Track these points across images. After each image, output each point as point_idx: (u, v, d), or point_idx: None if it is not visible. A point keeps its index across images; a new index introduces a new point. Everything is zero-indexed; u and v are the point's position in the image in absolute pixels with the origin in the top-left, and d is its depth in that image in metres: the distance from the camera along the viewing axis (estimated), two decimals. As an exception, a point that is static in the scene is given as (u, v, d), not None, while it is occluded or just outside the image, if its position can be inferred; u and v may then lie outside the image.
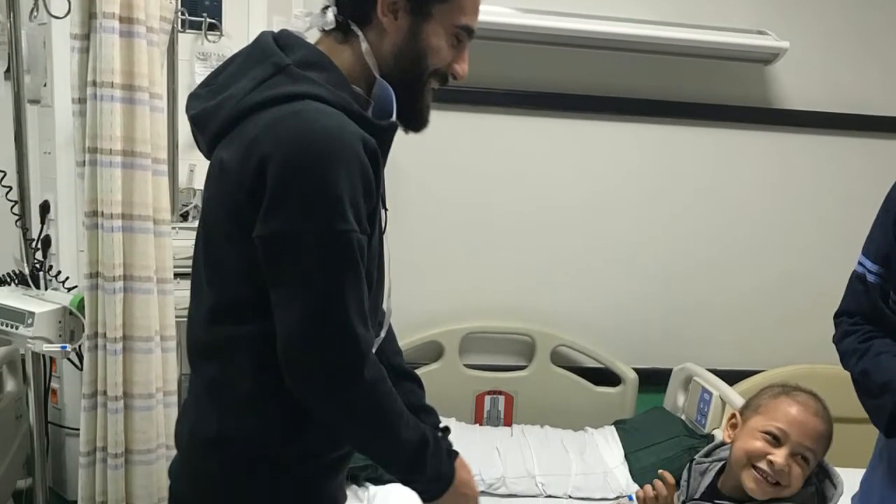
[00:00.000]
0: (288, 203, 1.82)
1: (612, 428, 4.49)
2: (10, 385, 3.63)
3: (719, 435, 2.91)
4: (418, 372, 2.52)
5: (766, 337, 4.85)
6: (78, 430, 3.17)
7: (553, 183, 4.61)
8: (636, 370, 4.71)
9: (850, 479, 2.66)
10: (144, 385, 3.10)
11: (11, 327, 3.04)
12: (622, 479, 4.09)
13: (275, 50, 1.99)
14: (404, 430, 2.05)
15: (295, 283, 1.86)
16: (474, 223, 4.58)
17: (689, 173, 4.68)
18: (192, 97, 2.11)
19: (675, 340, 4.79)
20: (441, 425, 2.36)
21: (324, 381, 1.91)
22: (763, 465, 2.47)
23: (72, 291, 3.20)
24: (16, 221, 3.32)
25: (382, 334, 2.23)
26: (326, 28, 2.05)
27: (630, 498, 2.66)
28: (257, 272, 1.89)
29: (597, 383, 4.72)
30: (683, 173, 4.68)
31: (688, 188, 4.69)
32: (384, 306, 2.24)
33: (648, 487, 2.54)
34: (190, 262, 2.17)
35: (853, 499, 2.87)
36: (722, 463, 2.68)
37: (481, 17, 2.09)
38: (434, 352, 4.62)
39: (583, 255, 4.68)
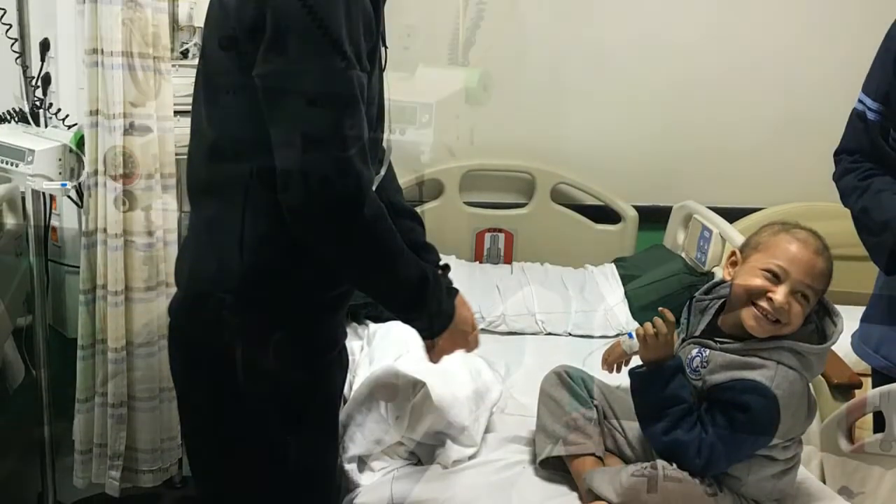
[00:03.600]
0: (287, 41, 1.81)
1: (612, 266, 4.49)
2: (10, 223, 3.63)
3: (719, 273, 2.92)
4: (418, 210, 2.53)
5: (766, 174, 4.81)
6: (78, 267, 3.18)
7: (555, 21, 4.54)
8: (636, 207, 4.70)
9: (849, 317, 2.68)
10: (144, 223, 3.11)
11: (11, 165, 3.03)
12: (622, 317, 4.12)
13: None
14: (404, 267, 2.07)
15: (294, 122, 1.85)
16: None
17: (692, 11, 4.61)
18: (191, -66, 2.10)
19: (675, 178, 4.77)
20: (441, 263, 2.37)
21: (323, 218, 1.92)
22: (763, 302, 2.48)
23: (72, 129, 3.19)
24: (16, 59, 3.30)
25: (382, 172, 2.23)
26: None
27: (630, 335, 2.66)
28: (257, 110, 1.88)
29: (597, 221, 4.72)
30: (686, 11, 4.61)
31: (690, 25, 4.62)
32: (384, 144, 2.24)
33: (649, 325, 2.55)
34: (190, 101, 2.16)
35: (853, 336, 2.91)
36: (722, 301, 2.69)
37: None
38: (434, 189, 4.62)
39: (583, 93, 4.63)
